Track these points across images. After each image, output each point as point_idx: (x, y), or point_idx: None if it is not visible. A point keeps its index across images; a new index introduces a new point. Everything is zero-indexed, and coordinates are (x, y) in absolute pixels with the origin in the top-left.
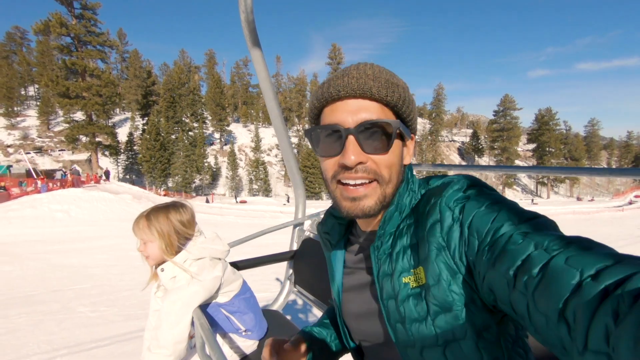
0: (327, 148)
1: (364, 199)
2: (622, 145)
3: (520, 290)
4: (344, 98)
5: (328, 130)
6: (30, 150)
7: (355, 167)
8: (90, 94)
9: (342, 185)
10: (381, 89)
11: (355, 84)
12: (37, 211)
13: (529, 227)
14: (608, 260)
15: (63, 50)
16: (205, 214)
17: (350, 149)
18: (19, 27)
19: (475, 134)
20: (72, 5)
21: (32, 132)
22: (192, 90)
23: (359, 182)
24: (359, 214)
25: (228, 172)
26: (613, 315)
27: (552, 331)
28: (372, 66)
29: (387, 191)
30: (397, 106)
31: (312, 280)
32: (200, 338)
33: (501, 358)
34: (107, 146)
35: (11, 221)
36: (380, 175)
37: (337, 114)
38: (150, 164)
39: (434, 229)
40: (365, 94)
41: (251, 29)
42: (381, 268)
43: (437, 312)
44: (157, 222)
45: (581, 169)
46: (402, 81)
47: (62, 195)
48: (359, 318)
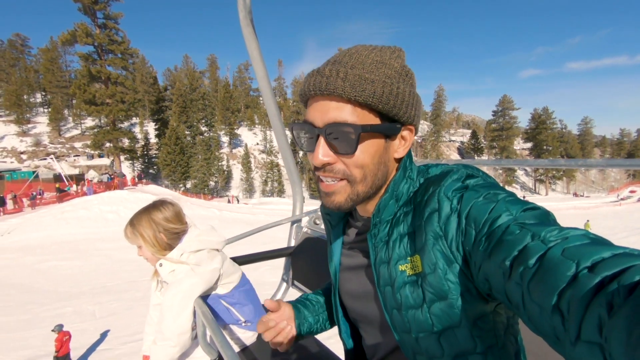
0: (305, 144)
1: (334, 195)
2: (615, 143)
3: (515, 280)
4: (316, 96)
5: (304, 127)
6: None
7: (324, 167)
8: (114, 100)
9: (320, 181)
10: (348, 89)
11: (324, 84)
12: (89, 212)
13: (527, 218)
14: (605, 252)
15: (88, 58)
16: (239, 214)
17: (319, 150)
18: (19, 34)
19: (474, 133)
20: (95, 16)
21: (43, 138)
22: (202, 95)
23: (329, 180)
24: (332, 208)
25: (242, 175)
26: (607, 307)
27: (545, 321)
28: (358, 55)
29: (359, 189)
30: (371, 105)
31: (310, 276)
32: (202, 327)
33: (494, 346)
34: (129, 151)
35: (68, 221)
36: (350, 175)
37: (311, 111)
38: (171, 167)
39: (431, 218)
40: (334, 94)
41: (249, 29)
42: (378, 255)
43: (433, 300)
44: (140, 225)
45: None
46: (387, 71)
47: (110, 197)
48: (355, 298)
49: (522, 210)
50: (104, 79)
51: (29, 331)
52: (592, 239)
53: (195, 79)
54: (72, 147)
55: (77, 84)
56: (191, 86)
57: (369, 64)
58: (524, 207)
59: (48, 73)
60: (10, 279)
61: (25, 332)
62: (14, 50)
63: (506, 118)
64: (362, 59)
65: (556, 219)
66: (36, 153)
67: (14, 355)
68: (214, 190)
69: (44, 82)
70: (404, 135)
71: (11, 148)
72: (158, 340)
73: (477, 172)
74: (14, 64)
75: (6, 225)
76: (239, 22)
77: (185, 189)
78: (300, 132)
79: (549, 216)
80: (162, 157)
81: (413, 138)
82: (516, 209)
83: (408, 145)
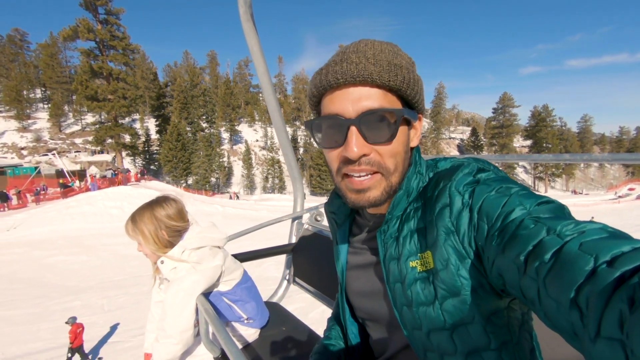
0: (329, 140)
1: (369, 191)
2: (614, 141)
3: (531, 275)
4: (343, 86)
5: (329, 121)
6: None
7: (359, 159)
8: (116, 96)
9: (348, 177)
10: (383, 73)
11: (354, 70)
12: (94, 208)
13: (541, 212)
14: (624, 246)
15: (90, 54)
16: (242, 210)
17: (352, 141)
18: (18, 29)
19: (474, 131)
20: (97, 11)
21: (44, 134)
22: (203, 92)
23: (363, 174)
24: (365, 205)
25: (243, 171)
26: (629, 302)
27: (563, 317)
28: (372, 45)
29: (393, 181)
30: (401, 90)
31: (311, 273)
32: (204, 324)
33: (509, 342)
34: (130, 147)
35: (73, 217)
36: (384, 167)
37: (337, 103)
38: (172, 163)
39: (442, 214)
40: (366, 81)
41: (250, 24)
42: (387, 251)
43: (445, 296)
44: (142, 221)
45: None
46: (406, 58)
47: (115, 193)
48: (362, 297)
49: (536, 204)
50: (106, 75)
51: (39, 324)
52: (610, 232)
53: (196, 75)
54: (72, 143)
55: (79, 80)
56: (192, 82)
57: (388, 52)
58: (538, 201)
59: (48, 69)
60: (18, 273)
61: (35, 325)
62: (13, 45)
63: (506, 115)
64: (380, 48)
65: (571, 213)
66: (37, 149)
67: (25, 348)
68: (215, 187)
69: (44, 77)
70: (415, 125)
71: (11, 144)
72: (160, 338)
73: (488, 166)
74: (13, 59)
75: (12, 221)
76: (239, 17)
77: (186, 185)
78: (322, 128)
79: (564, 210)
80: (164, 153)
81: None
82: (530, 203)
83: (419, 134)
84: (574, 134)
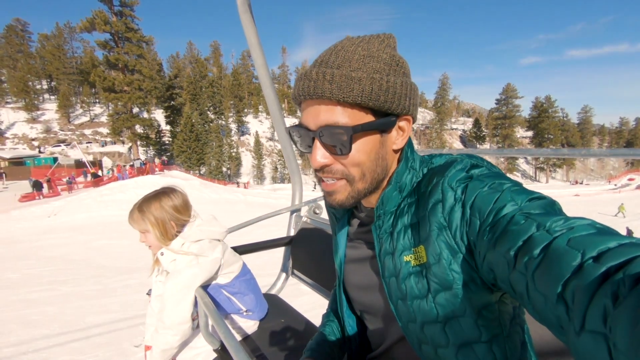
0: (303, 146)
1: (335, 194)
2: (614, 132)
3: (520, 270)
4: (306, 100)
5: (299, 130)
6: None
7: (322, 168)
8: (132, 88)
9: (321, 180)
10: (336, 91)
11: (312, 88)
12: (126, 195)
13: (532, 208)
14: (611, 242)
15: (106, 46)
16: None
17: (315, 152)
18: (19, 19)
19: (477, 121)
20: (112, 3)
21: (53, 125)
22: (211, 83)
23: (329, 180)
24: (335, 206)
25: (253, 161)
26: (612, 297)
27: (550, 311)
28: (337, 55)
29: (359, 187)
30: (361, 103)
31: (309, 265)
32: (204, 317)
33: (500, 335)
34: (146, 137)
35: (108, 204)
36: (349, 175)
37: (305, 114)
38: (186, 154)
39: (435, 209)
40: (322, 97)
41: (248, 15)
42: (382, 246)
43: (438, 290)
44: (149, 211)
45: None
46: (376, 65)
47: (144, 181)
48: (360, 290)
49: (528, 200)
50: (121, 67)
51: (105, 299)
52: (598, 228)
53: (204, 67)
54: (82, 134)
55: (97, 72)
56: (200, 73)
57: (356, 60)
58: (529, 197)
59: (55, 60)
60: (70, 255)
61: (102, 299)
62: (15, 36)
63: (509, 107)
64: (348, 56)
65: (562, 209)
66: (47, 140)
67: (99, 319)
68: (226, 177)
69: (51, 68)
70: (401, 126)
71: (22, 135)
72: (159, 329)
73: (481, 162)
74: (19, 49)
75: (51, 208)
76: (237, 9)
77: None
78: (296, 135)
79: (555, 206)
80: (177, 143)
81: (411, 127)
82: (521, 199)
83: (406, 135)
84: (574, 125)
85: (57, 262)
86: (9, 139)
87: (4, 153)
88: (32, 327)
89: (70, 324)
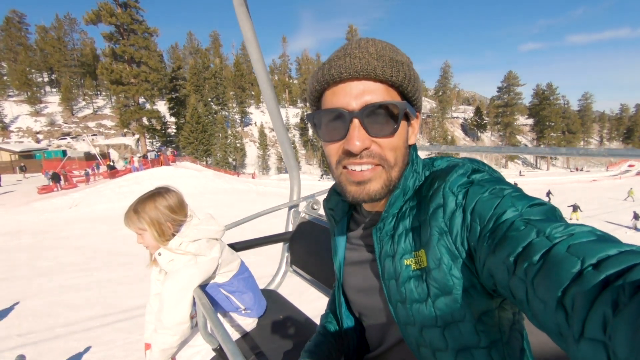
0: (330, 133)
1: (370, 183)
2: (614, 119)
3: (520, 276)
4: (346, 80)
5: (331, 114)
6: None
7: (360, 152)
8: (139, 80)
9: (347, 170)
10: (386, 68)
11: (358, 65)
12: (142, 187)
13: (532, 214)
14: (610, 249)
15: (112, 38)
16: (273, 188)
17: (354, 134)
18: (16, 11)
19: (478, 110)
20: None
21: (56, 118)
22: (214, 74)
23: (364, 167)
24: (365, 199)
25: (258, 152)
26: (612, 305)
27: (549, 317)
28: (374, 43)
29: (393, 175)
30: (402, 86)
31: (307, 260)
32: (202, 317)
33: (499, 341)
34: (154, 129)
35: (126, 195)
36: (385, 160)
37: (340, 97)
38: (193, 145)
39: (436, 214)
40: (369, 75)
41: (243, 8)
42: (383, 249)
43: (437, 294)
44: (145, 211)
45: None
46: (406, 57)
47: (160, 173)
48: (359, 292)
49: (528, 206)
50: (128, 59)
51: (138, 284)
52: (598, 235)
53: (207, 57)
54: (86, 127)
55: (105, 65)
56: (203, 64)
57: (389, 49)
58: (529, 203)
59: (56, 52)
60: (97, 244)
61: (135, 285)
62: (13, 28)
63: (511, 94)
64: (381, 45)
65: (562, 215)
66: (52, 133)
67: (137, 302)
68: (232, 168)
69: (52, 61)
70: (412, 123)
71: (26, 128)
72: (158, 329)
73: (483, 167)
74: (20, 42)
75: (70, 199)
76: (232, 1)
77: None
78: (324, 121)
79: (555, 212)
80: (184, 135)
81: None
82: (522, 205)
83: (417, 132)
84: (574, 112)
85: (86, 251)
86: (14, 132)
87: (13, 146)
88: (77, 310)
89: (112, 307)
